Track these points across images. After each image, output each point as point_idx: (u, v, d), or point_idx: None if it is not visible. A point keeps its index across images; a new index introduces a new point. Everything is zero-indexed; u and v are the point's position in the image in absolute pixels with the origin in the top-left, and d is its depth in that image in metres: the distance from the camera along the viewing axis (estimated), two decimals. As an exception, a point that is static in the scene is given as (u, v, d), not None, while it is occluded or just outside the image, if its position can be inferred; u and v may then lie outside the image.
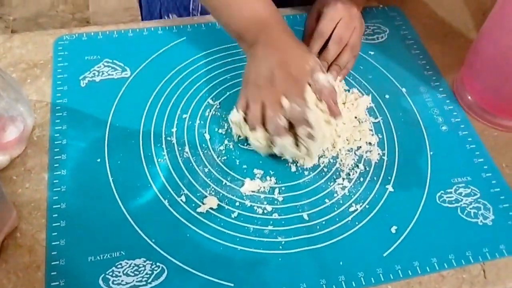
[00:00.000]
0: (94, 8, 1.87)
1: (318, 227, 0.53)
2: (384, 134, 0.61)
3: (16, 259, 0.48)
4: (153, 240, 0.50)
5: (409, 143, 0.61)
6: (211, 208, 0.53)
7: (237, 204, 0.54)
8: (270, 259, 0.50)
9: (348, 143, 0.59)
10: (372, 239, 0.52)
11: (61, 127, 0.58)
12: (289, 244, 0.51)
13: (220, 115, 0.61)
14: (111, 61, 0.65)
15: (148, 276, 0.48)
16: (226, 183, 0.55)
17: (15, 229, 0.50)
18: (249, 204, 0.54)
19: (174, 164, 0.56)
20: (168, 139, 0.58)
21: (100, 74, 0.64)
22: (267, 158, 0.57)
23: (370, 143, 0.60)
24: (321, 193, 0.55)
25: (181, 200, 0.53)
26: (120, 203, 0.52)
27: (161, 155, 0.57)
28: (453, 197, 0.56)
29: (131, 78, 0.64)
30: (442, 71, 0.69)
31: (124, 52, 0.66)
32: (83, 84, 0.62)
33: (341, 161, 0.58)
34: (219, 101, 0.63)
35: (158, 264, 0.49)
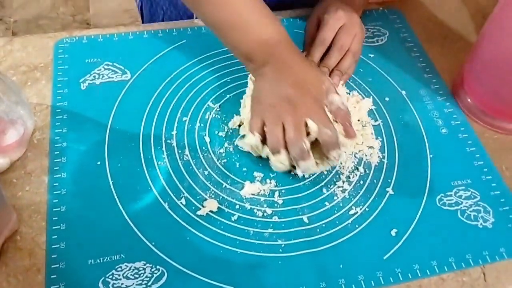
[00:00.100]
0: (95, 10, 1.88)
1: (318, 230, 0.53)
2: (384, 137, 0.61)
3: (16, 262, 0.48)
4: (153, 243, 0.50)
5: (409, 145, 0.61)
6: (211, 211, 0.53)
7: (237, 207, 0.54)
8: (270, 262, 0.50)
9: (354, 147, 0.59)
10: (372, 242, 0.52)
11: (61, 130, 0.58)
12: (289, 247, 0.51)
13: (220, 118, 0.61)
14: (111, 64, 0.65)
15: (148, 279, 0.48)
16: (226, 186, 0.55)
17: (15, 232, 0.50)
18: (249, 207, 0.54)
19: (174, 167, 0.56)
20: (168, 142, 0.58)
21: (101, 77, 0.64)
22: (267, 161, 0.57)
23: (372, 147, 0.60)
24: (321, 196, 0.55)
25: (181, 203, 0.53)
26: (120, 206, 0.52)
27: (161, 158, 0.57)
28: (453, 200, 0.56)
29: (131, 81, 0.64)
30: (441, 74, 0.69)
31: (125, 55, 0.66)
32: (83, 87, 0.62)
33: (341, 164, 0.58)
34: (219, 104, 0.63)
35: (158, 267, 0.49)
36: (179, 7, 0.76)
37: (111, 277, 0.48)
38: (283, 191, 0.55)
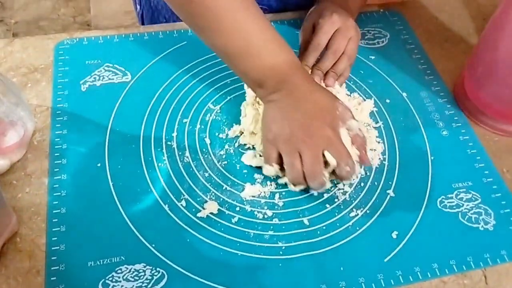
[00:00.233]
0: (95, 11, 1.88)
1: (318, 232, 0.52)
2: (385, 139, 0.61)
3: (16, 264, 0.48)
4: (153, 245, 0.50)
5: (409, 147, 0.61)
6: (211, 213, 0.53)
7: (238, 209, 0.54)
8: (271, 265, 0.50)
9: None
10: (373, 244, 0.52)
11: (61, 131, 0.58)
12: (289, 250, 0.51)
13: (221, 119, 0.61)
14: (111, 65, 0.65)
15: (148, 281, 0.48)
16: (226, 188, 0.55)
17: (15, 234, 0.50)
18: (249, 209, 0.54)
19: (174, 168, 0.56)
20: (169, 143, 0.58)
21: (101, 78, 0.64)
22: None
23: (374, 150, 0.59)
24: (321, 198, 0.55)
25: (181, 205, 0.53)
26: (120, 207, 0.52)
27: (162, 159, 0.57)
28: (454, 202, 0.56)
29: (132, 82, 0.64)
30: (442, 76, 0.69)
31: (125, 56, 0.66)
32: (83, 88, 0.62)
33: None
34: (219, 106, 0.63)
35: (158, 269, 0.49)
36: None
37: (111, 279, 0.48)
38: (283, 193, 0.55)
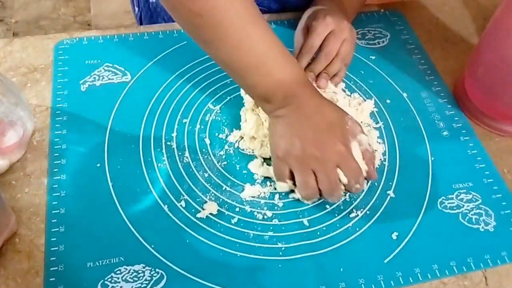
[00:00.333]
0: (96, 11, 1.88)
1: (318, 233, 0.52)
2: (385, 139, 0.61)
3: (14, 265, 0.48)
4: (153, 246, 0.50)
5: (410, 148, 0.60)
6: (211, 214, 0.53)
7: (237, 209, 0.53)
8: (270, 265, 0.50)
9: None
10: (373, 245, 0.52)
11: (61, 131, 0.58)
12: (289, 250, 0.51)
13: (221, 120, 0.61)
14: (111, 65, 0.65)
15: (147, 282, 0.48)
16: (226, 189, 0.55)
17: (14, 234, 0.50)
18: (249, 209, 0.53)
19: (174, 169, 0.56)
20: (168, 144, 0.58)
21: (101, 78, 0.63)
22: (267, 164, 0.57)
23: (376, 150, 0.59)
24: (321, 199, 0.55)
25: (181, 205, 0.53)
26: (120, 208, 0.52)
27: (161, 160, 0.56)
28: (454, 203, 0.56)
29: (132, 82, 0.64)
30: (443, 76, 0.69)
31: (125, 56, 0.66)
32: (83, 88, 0.62)
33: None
34: (219, 106, 0.63)
35: (157, 270, 0.48)
36: None
37: (110, 280, 0.47)
38: (283, 193, 0.55)
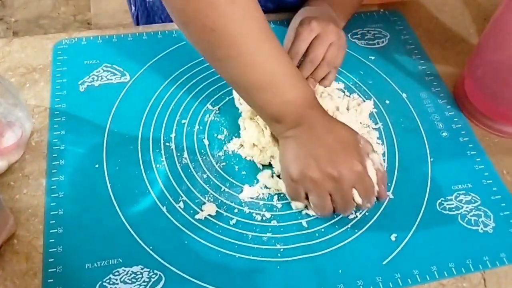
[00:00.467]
0: (96, 10, 1.87)
1: (317, 234, 0.52)
2: (384, 140, 0.61)
3: (13, 266, 0.48)
4: (151, 247, 0.50)
5: (409, 149, 0.60)
6: (209, 215, 0.52)
7: (236, 210, 0.53)
8: (269, 267, 0.50)
9: None
10: (372, 247, 0.52)
11: (59, 132, 0.58)
12: (287, 252, 0.51)
13: (220, 120, 0.61)
14: (110, 65, 0.65)
15: (145, 283, 0.48)
16: (224, 190, 0.55)
17: (12, 235, 0.50)
18: (247, 211, 0.53)
19: (172, 170, 0.56)
20: (167, 144, 0.58)
21: (99, 78, 0.63)
22: (266, 165, 0.57)
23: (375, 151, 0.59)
24: (320, 200, 0.55)
25: (179, 206, 0.53)
26: (118, 209, 0.52)
27: (160, 161, 0.56)
28: (453, 204, 0.56)
29: (130, 83, 0.63)
30: (442, 76, 0.69)
31: (124, 56, 0.66)
32: (82, 88, 0.62)
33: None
34: (218, 106, 0.62)
35: (155, 271, 0.48)
36: None
37: (108, 281, 0.47)
38: (282, 195, 0.55)
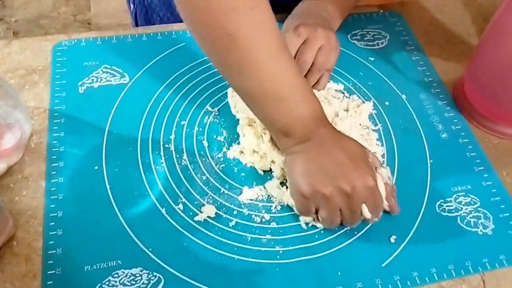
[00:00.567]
0: (96, 10, 1.87)
1: (316, 236, 0.52)
2: (384, 141, 0.61)
3: (12, 268, 0.48)
4: (150, 249, 0.50)
5: (408, 150, 0.60)
6: (208, 217, 0.52)
7: (235, 212, 0.53)
8: (268, 269, 0.50)
9: None
10: (371, 249, 0.52)
11: (58, 134, 0.58)
12: (286, 254, 0.51)
13: (219, 122, 0.61)
14: (109, 67, 0.65)
15: (144, 285, 0.48)
16: (224, 191, 0.55)
17: (11, 237, 0.50)
18: (247, 212, 0.53)
19: (172, 171, 0.56)
20: (166, 146, 0.58)
21: (99, 80, 0.63)
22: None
23: (375, 153, 0.59)
24: (319, 202, 0.55)
25: (179, 208, 0.53)
26: (117, 211, 0.52)
27: (159, 162, 0.56)
28: (453, 206, 0.56)
29: (130, 84, 0.63)
30: (442, 78, 0.69)
31: (123, 58, 0.66)
32: (81, 90, 0.62)
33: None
34: (218, 108, 0.62)
35: (155, 273, 0.48)
36: (176, 14, 0.75)
37: (107, 283, 0.47)
38: (281, 196, 0.55)
